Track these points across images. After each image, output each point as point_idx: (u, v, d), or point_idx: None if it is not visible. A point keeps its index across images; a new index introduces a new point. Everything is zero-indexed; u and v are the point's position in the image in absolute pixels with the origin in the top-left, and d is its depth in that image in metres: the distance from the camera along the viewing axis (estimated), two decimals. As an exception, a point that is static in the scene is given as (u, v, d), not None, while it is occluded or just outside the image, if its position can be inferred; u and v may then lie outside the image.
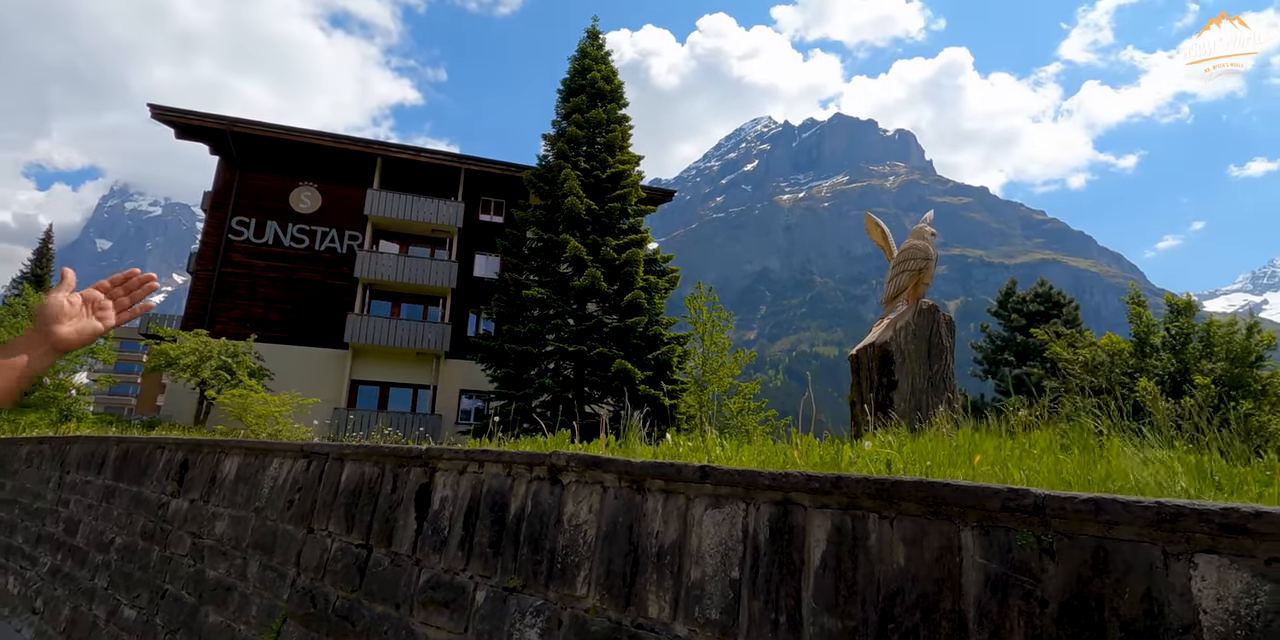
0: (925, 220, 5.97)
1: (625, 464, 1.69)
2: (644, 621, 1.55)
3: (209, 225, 23.05)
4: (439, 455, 2.30)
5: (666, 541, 1.58)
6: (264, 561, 3.12)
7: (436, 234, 25.03)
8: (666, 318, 20.24)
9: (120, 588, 4.44)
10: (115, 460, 5.16)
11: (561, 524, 1.83)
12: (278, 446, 3.34)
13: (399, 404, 23.56)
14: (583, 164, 19.95)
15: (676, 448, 2.11)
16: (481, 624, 1.94)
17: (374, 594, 2.39)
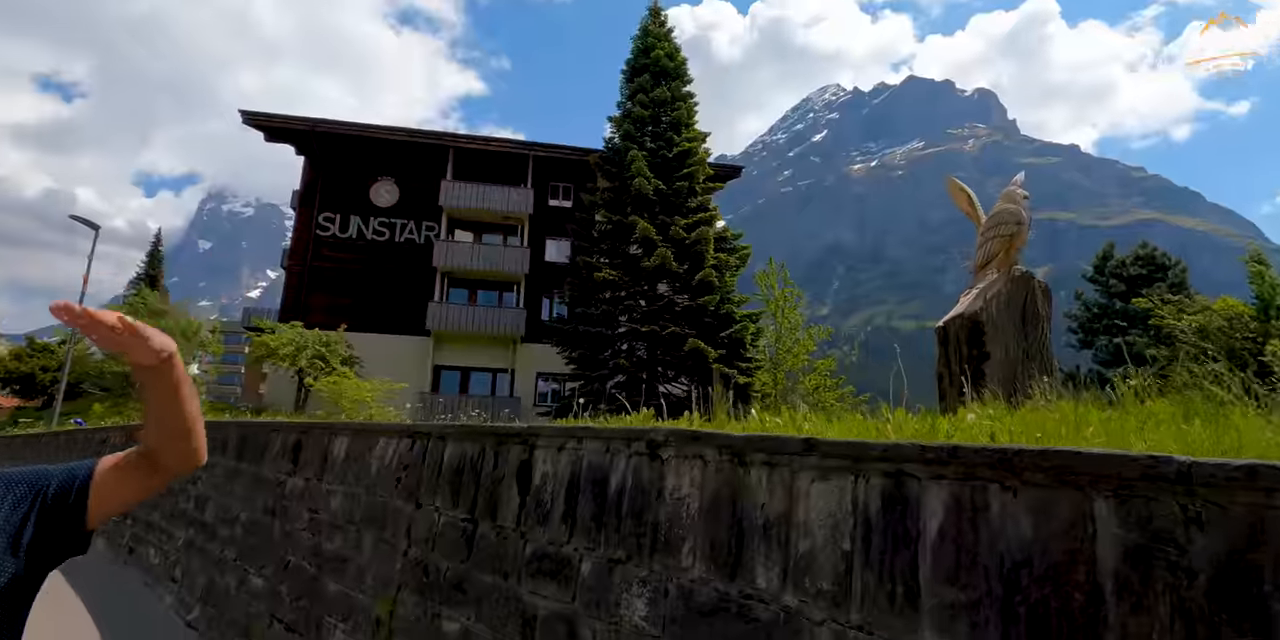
0: (1015, 182, 5.66)
1: (726, 438, 1.71)
2: (752, 591, 1.57)
3: (298, 222, 24.30)
4: (538, 433, 2.38)
5: (772, 514, 1.59)
6: (376, 535, 3.33)
7: (508, 221, 25.55)
8: (738, 295, 20.05)
9: (247, 559, 4.83)
10: (235, 443, 5.59)
11: (663, 498, 1.87)
12: (383, 427, 3.54)
13: (479, 388, 24.40)
14: (649, 144, 19.85)
15: (762, 424, 2.10)
16: (589, 594, 2.01)
17: (482, 565, 2.51)
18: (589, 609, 2.00)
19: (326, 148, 24.33)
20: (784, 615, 1.50)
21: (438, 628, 2.66)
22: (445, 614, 2.66)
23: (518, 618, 2.26)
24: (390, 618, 3.02)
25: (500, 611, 2.36)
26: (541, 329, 22.54)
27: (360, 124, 24.37)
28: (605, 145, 21.06)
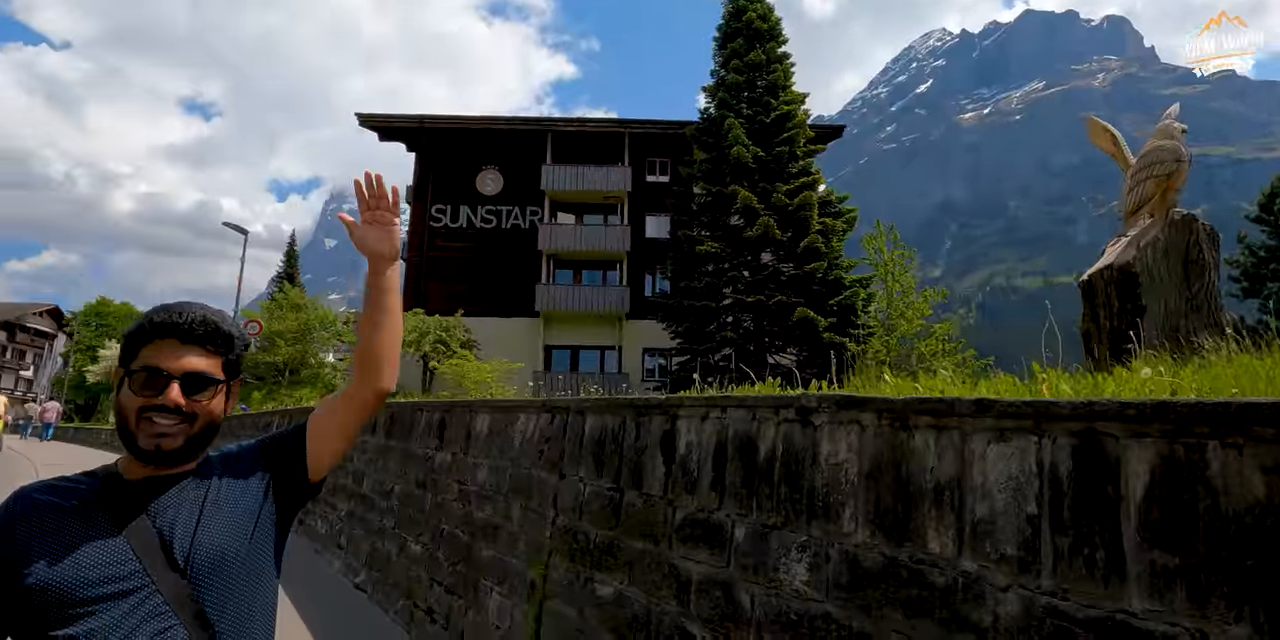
0: (1169, 115, 5.08)
1: (886, 402, 1.66)
2: (924, 557, 1.54)
3: (413, 216, 25.67)
4: (679, 403, 2.42)
5: (942, 478, 1.53)
6: (524, 504, 3.52)
7: (608, 200, 25.83)
8: (846, 260, 19.36)
9: (405, 527, 5.25)
10: (384, 422, 6.06)
11: (818, 463, 1.85)
12: (521, 404, 3.71)
13: (588, 365, 25.07)
14: (745, 111, 19.37)
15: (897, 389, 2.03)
16: (744, 559, 2.04)
17: (631, 531, 2.60)
18: (745, 573, 2.03)
19: (434, 142, 25.45)
20: (962, 580, 1.46)
21: (591, 591, 2.79)
22: (597, 578, 2.78)
23: (671, 581, 2.33)
24: (544, 581, 3.19)
25: (653, 576, 2.44)
26: (645, 305, 22.79)
27: (463, 116, 25.31)
28: (700, 116, 20.75)
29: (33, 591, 0.99)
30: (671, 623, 2.29)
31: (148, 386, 1.07)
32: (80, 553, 1.01)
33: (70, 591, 0.99)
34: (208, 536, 1.08)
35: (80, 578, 1.00)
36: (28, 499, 1.07)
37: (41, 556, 1.00)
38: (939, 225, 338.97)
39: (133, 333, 1.12)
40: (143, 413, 1.07)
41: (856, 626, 1.66)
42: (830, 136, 23.71)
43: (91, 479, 1.11)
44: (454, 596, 4.16)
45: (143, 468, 1.10)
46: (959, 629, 1.44)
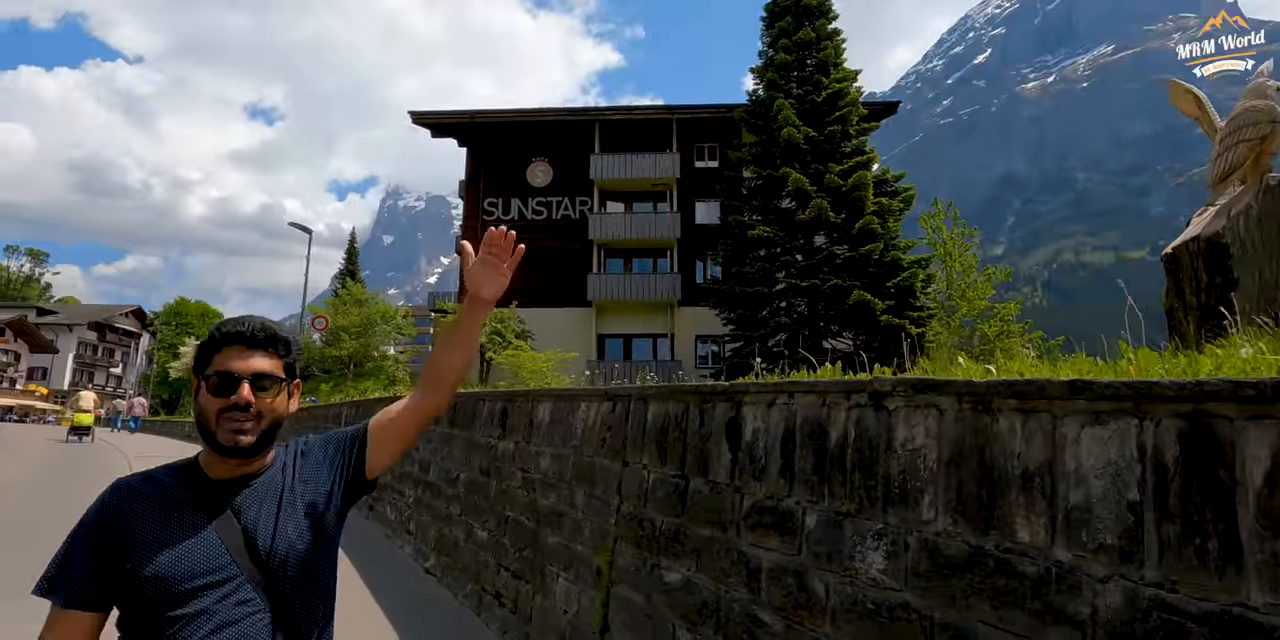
0: (1262, 73, 4.73)
1: (967, 385, 1.59)
2: (1012, 546, 1.47)
3: (466, 210, 26.13)
4: (744, 390, 2.38)
5: (1031, 463, 1.46)
6: (588, 491, 3.55)
7: (656, 187, 25.73)
8: (904, 241, 18.82)
9: (471, 514, 5.38)
10: (447, 411, 6.21)
11: (893, 449, 1.79)
12: (583, 392, 3.74)
13: (641, 353, 25.15)
14: (795, 90, 18.93)
15: (969, 371, 1.94)
16: (817, 546, 2.00)
17: (698, 518, 2.59)
18: (818, 561, 1.99)
19: (485, 136, 25.80)
20: (1056, 570, 1.39)
21: (659, 577, 2.80)
22: (664, 565, 2.79)
23: (741, 569, 2.31)
24: (610, 568, 3.22)
25: (721, 563, 2.42)
26: (697, 292, 22.68)
27: (512, 110, 25.58)
28: (749, 98, 20.40)
29: (142, 580, 1.13)
30: (742, 610, 2.27)
31: (222, 389, 1.20)
32: (181, 547, 1.15)
33: (176, 582, 1.13)
34: (285, 532, 1.22)
35: (184, 570, 1.14)
36: (126, 490, 1.21)
37: (148, 548, 1.14)
38: (1000, 201, 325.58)
39: (204, 344, 1.26)
40: (221, 413, 1.19)
41: (938, 617, 1.61)
42: (884, 113, 22.99)
43: (176, 473, 1.24)
44: (521, 581, 4.25)
45: (223, 464, 1.23)
46: (1054, 621, 1.37)
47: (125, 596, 1.15)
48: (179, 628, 1.12)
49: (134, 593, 1.14)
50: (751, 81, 20.44)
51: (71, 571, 1.14)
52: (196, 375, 1.24)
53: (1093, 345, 2.02)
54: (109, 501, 1.18)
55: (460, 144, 26.35)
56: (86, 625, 1.14)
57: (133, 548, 1.14)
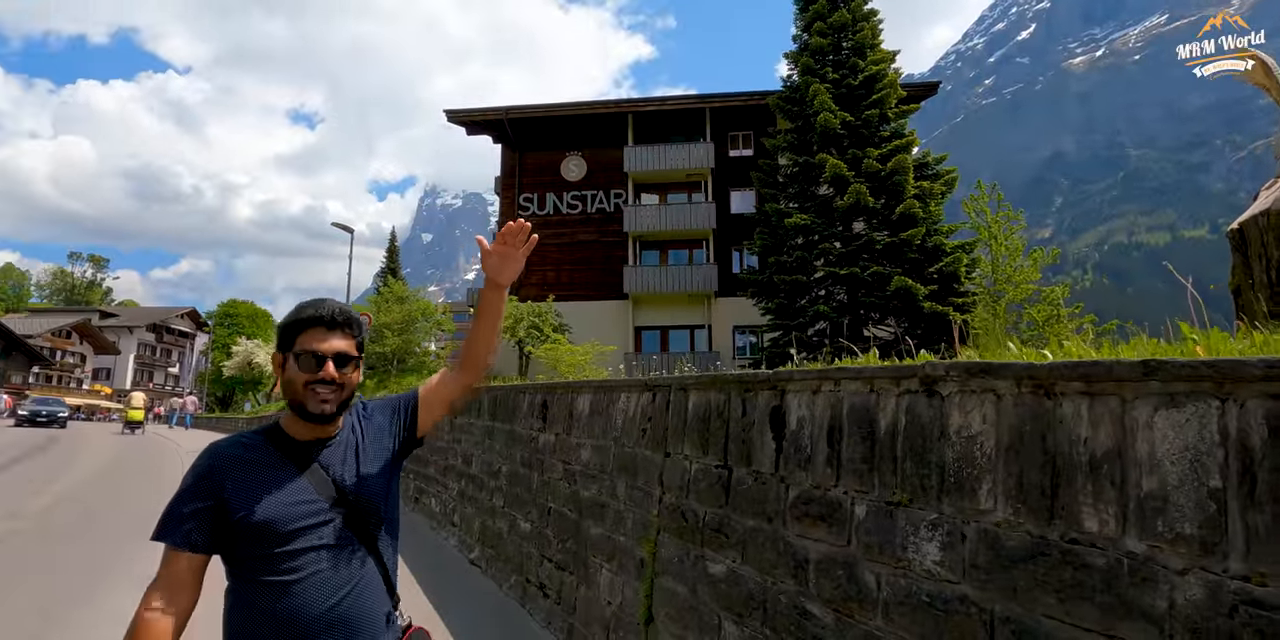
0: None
1: (1027, 368, 1.51)
2: (1078, 536, 1.39)
3: (502, 206, 26.34)
4: (788, 377, 2.32)
5: (1098, 450, 1.38)
6: (629, 482, 3.53)
7: (691, 178, 25.55)
8: (946, 225, 18.33)
9: (513, 506, 5.42)
10: (489, 405, 6.27)
11: (947, 436, 1.72)
12: (622, 383, 3.71)
13: (678, 345, 25.08)
14: (831, 75, 18.55)
15: (1024, 355, 1.84)
16: (867, 537, 1.94)
17: (742, 509, 2.54)
18: (869, 552, 1.93)
19: (519, 132, 25.94)
20: (1128, 562, 1.31)
21: (703, 569, 2.77)
22: (708, 556, 2.75)
23: (788, 560, 2.26)
24: (653, 559, 3.20)
25: (767, 554, 2.38)
26: (734, 282, 22.49)
27: (545, 105, 25.61)
28: (783, 84, 20.07)
29: (252, 526, 1.33)
30: (789, 602, 2.22)
31: (308, 365, 1.40)
32: (282, 494, 1.36)
33: (283, 524, 1.33)
34: (364, 481, 1.45)
35: (288, 514, 1.34)
36: (223, 453, 1.40)
37: (253, 499, 1.33)
38: (1047, 182, 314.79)
39: (288, 324, 1.44)
40: (307, 386, 1.39)
41: (999, 610, 1.54)
42: (923, 95, 22.37)
43: (262, 436, 1.44)
44: (564, 572, 4.26)
45: (306, 427, 1.44)
46: (1127, 615, 1.29)
47: (233, 541, 1.34)
48: (291, 562, 1.33)
49: (243, 537, 1.33)
50: (785, 67, 20.09)
51: (180, 521, 1.32)
52: (281, 351, 1.44)
53: (1148, 329, 1.91)
54: (208, 462, 1.37)
55: (495, 141, 26.54)
56: (194, 564, 1.33)
57: (237, 499, 1.33)
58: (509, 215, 25.57)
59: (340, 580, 1.36)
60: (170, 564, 1.31)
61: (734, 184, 24.93)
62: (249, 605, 1.34)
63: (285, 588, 1.32)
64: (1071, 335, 2.03)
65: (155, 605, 1.27)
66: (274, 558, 1.33)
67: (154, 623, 1.26)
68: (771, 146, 19.94)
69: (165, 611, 1.28)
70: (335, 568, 1.36)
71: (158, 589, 1.30)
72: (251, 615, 1.34)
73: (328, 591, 1.34)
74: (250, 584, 1.34)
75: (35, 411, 26.94)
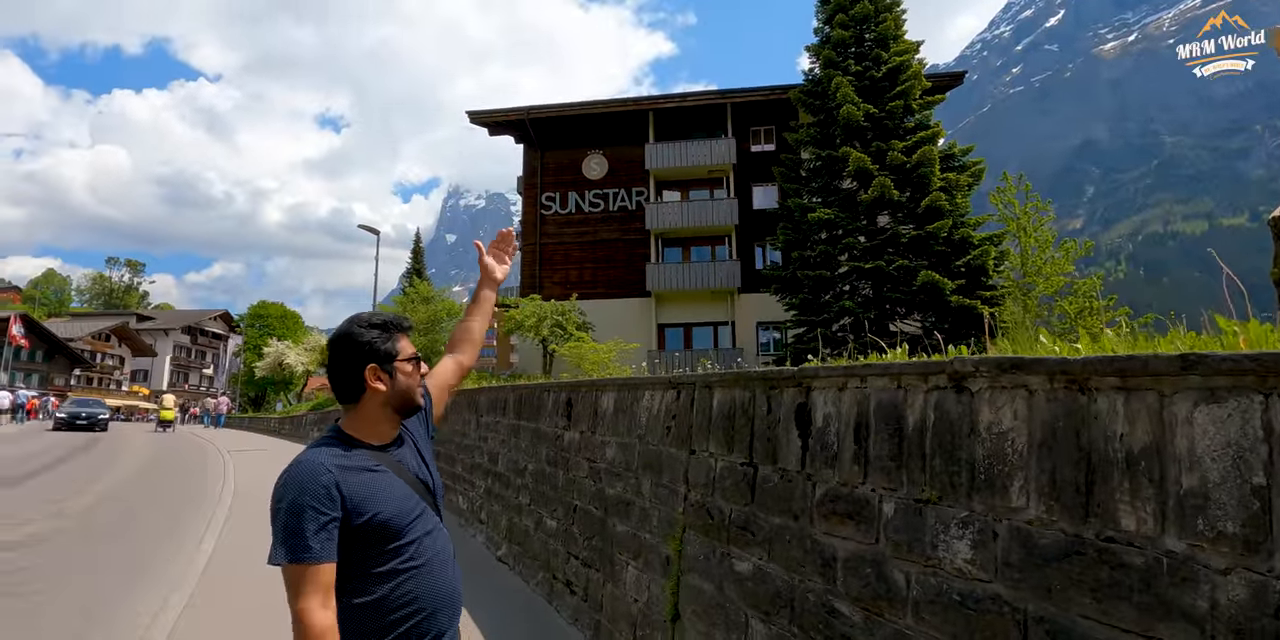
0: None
1: (1060, 362, 1.48)
2: (1115, 534, 1.36)
3: (525, 205, 26.46)
4: (813, 374, 2.30)
5: (1135, 446, 1.34)
6: (654, 480, 3.53)
7: (713, 174, 25.43)
8: (974, 218, 18.00)
9: (539, 503, 5.46)
10: (514, 403, 6.31)
11: (977, 433, 1.69)
12: (646, 381, 3.71)
13: (702, 342, 24.98)
14: (854, 67, 18.30)
15: (1054, 349, 1.80)
16: (896, 535, 1.91)
17: (768, 507, 2.53)
18: (897, 551, 1.91)
19: (540, 132, 26.04)
20: (1167, 561, 1.27)
21: (729, 566, 2.76)
22: (734, 554, 2.74)
23: (815, 558, 2.24)
24: (679, 556, 3.19)
25: (794, 552, 2.36)
26: (757, 278, 22.35)
27: (566, 104, 25.64)
28: (805, 78, 19.86)
29: (378, 525, 1.45)
30: (817, 600, 2.21)
31: (416, 365, 1.61)
32: (393, 494, 1.50)
33: (402, 519, 1.49)
34: (432, 471, 1.66)
35: (403, 511, 1.50)
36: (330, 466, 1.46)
37: (374, 503, 1.46)
38: (1078, 171, 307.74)
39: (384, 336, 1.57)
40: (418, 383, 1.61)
41: (1033, 610, 1.51)
42: (949, 85, 21.99)
43: (344, 445, 1.54)
44: (591, 569, 4.28)
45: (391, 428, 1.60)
46: (1166, 615, 1.26)
47: (354, 543, 1.44)
48: (414, 550, 1.50)
49: (367, 537, 1.44)
50: (807, 61, 19.87)
51: (319, 534, 1.38)
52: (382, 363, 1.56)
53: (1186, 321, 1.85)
54: (322, 477, 1.43)
55: (517, 141, 26.66)
56: (334, 575, 1.40)
57: (361, 503, 1.44)
58: (531, 215, 25.69)
59: (446, 558, 1.58)
60: (317, 577, 1.36)
61: (756, 179, 24.76)
62: (378, 600, 1.45)
63: (415, 573, 1.48)
64: (1104, 329, 1.98)
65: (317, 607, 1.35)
66: (400, 550, 1.48)
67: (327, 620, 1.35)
68: (793, 141, 19.76)
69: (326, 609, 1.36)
70: (441, 549, 1.57)
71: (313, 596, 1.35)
72: (383, 607, 1.45)
73: (443, 569, 1.55)
74: (374, 579, 1.45)
75: (74, 414, 25.14)
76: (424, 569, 1.50)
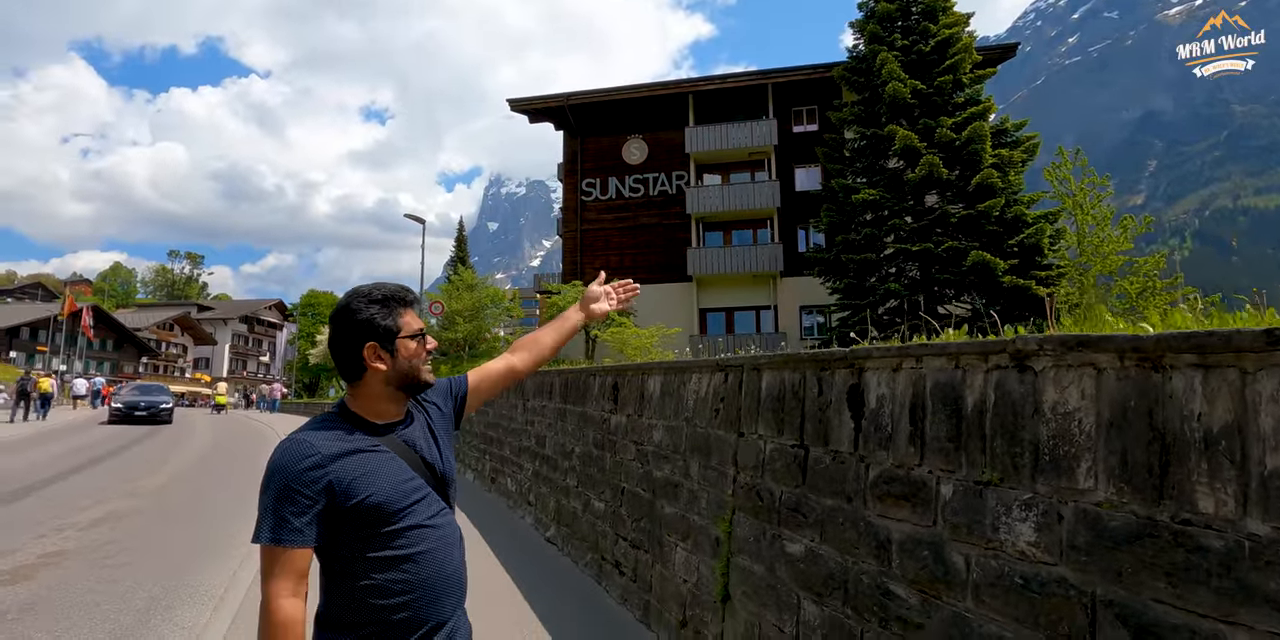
0: None
1: (1131, 340, 1.42)
2: (1192, 517, 1.31)
3: (565, 192, 26.57)
4: (866, 355, 2.26)
5: (1215, 426, 1.29)
6: (703, 462, 3.54)
7: (754, 157, 25.08)
8: (1028, 195, 17.38)
9: (587, 486, 5.53)
10: (560, 387, 6.39)
11: (1041, 413, 1.64)
12: (693, 364, 3.71)
13: (744, 326, 24.81)
14: (900, 42, 17.75)
15: (1114, 326, 1.72)
16: (955, 517, 1.88)
17: (820, 489, 2.51)
18: (956, 533, 1.88)
19: (580, 118, 26.03)
20: (1250, 545, 1.22)
21: (780, 548, 2.75)
22: (785, 535, 2.73)
23: (869, 540, 2.22)
24: (728, 538, 3.21)
25: (847, 534, 2.34)
26: (800, 261, 22.05)
27: (605, 89, 25.55)
28: (849, 55, 19.36)
29: (369, 508, 1.38)
30: (871, 582, 2.19)
31: (421, 342, 1.51)
32: (391, 475, 1.43)
33: (398, 502, 1.42)
34: (444, 454, 1.57)
35: (400, 491, 1.43)
36: (318, 445, 1.38)
37: (366, 484, 1.39)
38: (1140, 145, 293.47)
39: (385, 311, 1.47)
40: (422, 360, 1.51)
41: (1101, 593, 1.47)
42: (1000, 57, 21.16)
43: (341, 423, 1.46)
44: (639, 551, 4.33)
45: (396, 406, 1.52)
46: (1248, 600, 1.21)
47: (344, 526, 1.38)
48: (411, 534, 1.42)
49: (359, 520, 1.38)
50: (851, 37, 19.35)
51: (293, 521, 1.32)
52: (381, 340, 1.46)
53: (1265, 298, 1.76)
54: (308, 457, 1.36)
55: (556, 128, 26.73)
56: (309, 561, 1.35)
57: (349, 486, 1.36)
58: (572, 201, 25.78)
59: (450, 544, 1.50)
60: (291, 561, 1.31)
61: (798, 161, 24.33)
62: (371, 586, 1.39)
63: (411, 558, 1.41)
64: (1167, 308, 1.89)
65: (286, 594, 1.30)
66: (394, 534, 1.40)
67: (292, 609, 1.30)
68: (837, 120, 19.32)
69: (296, 597, 1.32)
70: (444, 535, 1.49)
71: (283, 580, 1.31)
72: (375, 594, 1.38)
73: (445, 556, 1.47)
74: (369, 563, 1.39)
75: (132, 404, 20.97)
76: (424, 556, 1.42)
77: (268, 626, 1.28)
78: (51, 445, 14.62)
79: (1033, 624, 1.62)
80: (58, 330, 43.25)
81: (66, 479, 9.85)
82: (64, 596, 4.64)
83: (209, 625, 4.16)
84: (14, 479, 9.62)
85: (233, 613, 4.36)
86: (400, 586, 1.39)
